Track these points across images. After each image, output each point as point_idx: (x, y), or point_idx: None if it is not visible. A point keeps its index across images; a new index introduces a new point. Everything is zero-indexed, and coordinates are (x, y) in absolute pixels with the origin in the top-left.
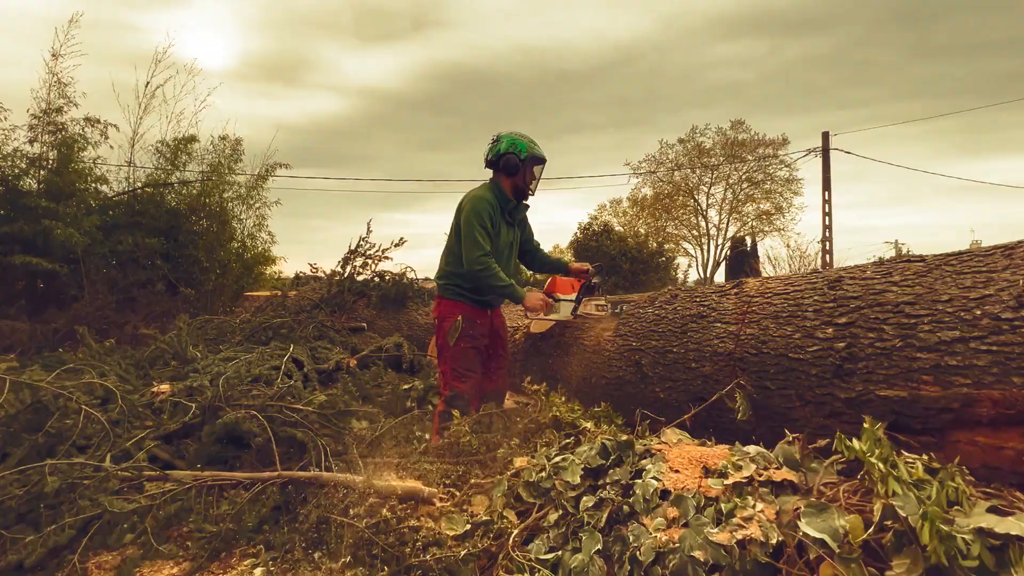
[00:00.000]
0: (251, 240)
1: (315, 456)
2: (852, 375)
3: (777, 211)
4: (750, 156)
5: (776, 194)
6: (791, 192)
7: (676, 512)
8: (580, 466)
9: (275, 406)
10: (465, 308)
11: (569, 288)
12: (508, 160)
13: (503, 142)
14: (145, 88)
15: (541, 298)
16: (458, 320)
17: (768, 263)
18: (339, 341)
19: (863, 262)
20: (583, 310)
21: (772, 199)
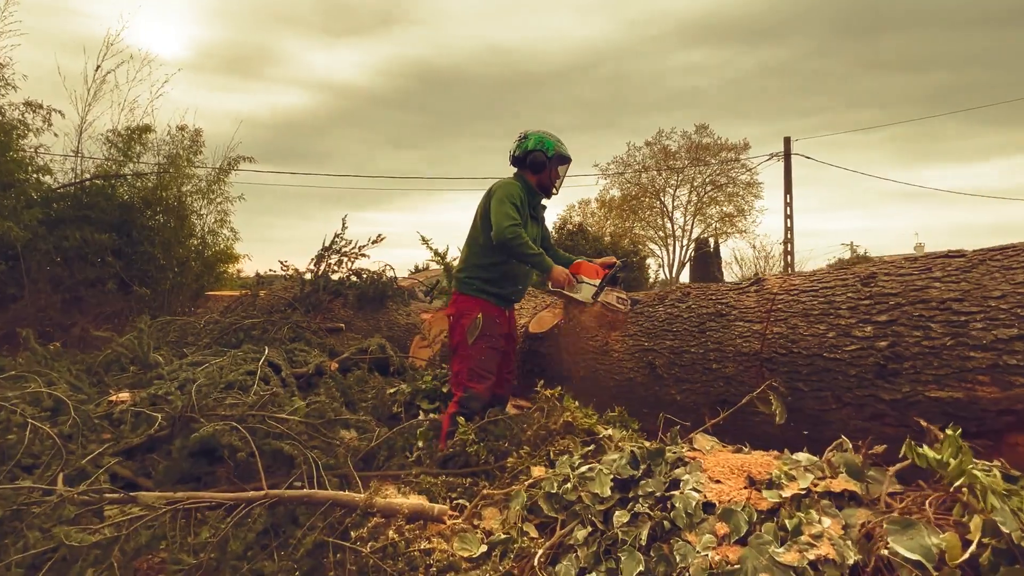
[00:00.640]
0: (212, 237)
1: (306, 471)
2: (898, 375)
3: (739, 213)
4: (713, 160)
5: (738, 197)
6: (752, 195)
7: (726, 528)
8: (609, 476)
9: (257, 416)
10: (485, 305)
11: (594, 273)
12: (535, 157)
13: (531, 139)
14: (95, 72)
15: (567, 274)
16: (478, 318)
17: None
18: (316, 343)
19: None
20: (604, 298)
21: (734, 202)
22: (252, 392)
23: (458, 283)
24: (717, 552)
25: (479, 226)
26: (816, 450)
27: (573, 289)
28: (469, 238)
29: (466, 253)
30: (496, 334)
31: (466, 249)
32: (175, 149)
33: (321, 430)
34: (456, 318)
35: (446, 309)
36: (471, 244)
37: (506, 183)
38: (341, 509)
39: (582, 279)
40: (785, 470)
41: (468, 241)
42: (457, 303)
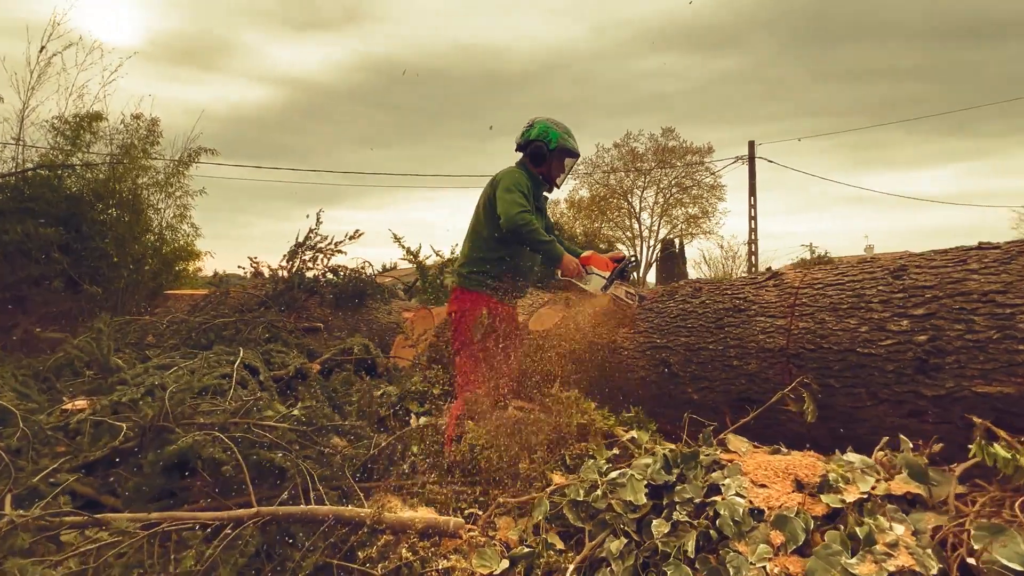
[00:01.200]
0: (171, 232)
1: (300, 484)
2: (940, 370)
3: (704, 215)
4: (679, 162)
5: (703, 199)
6: (716, 198)
7: (781, 536)
8: (643, 482)
9: (241, 423)
10: (490, 301)
11: (604, 265)
12: (536, 148)
13: (535, 128)
14: (39, 55)
15: (577, 263)
16: (484, 314)
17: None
18: (294, 344)
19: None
20: (613, 291)
21: (699, 204)
22: (229, 397)
23: (460, 278)
24: (775, 563)
25: (482, 218)
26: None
27: (583, 279)
28: (471, 231)
29: (468, 247)
30: (502, 331)
31: (468, 242)
32: (129, 139)
33: (313, 438)
34: (459, 315)
35: (448, 306)
36: (474, 237)
37: (511, 171)
38: (344, 526)
39: (592, 270)
40: (840, 472)
41: (470, 234)
42: (459, 299)
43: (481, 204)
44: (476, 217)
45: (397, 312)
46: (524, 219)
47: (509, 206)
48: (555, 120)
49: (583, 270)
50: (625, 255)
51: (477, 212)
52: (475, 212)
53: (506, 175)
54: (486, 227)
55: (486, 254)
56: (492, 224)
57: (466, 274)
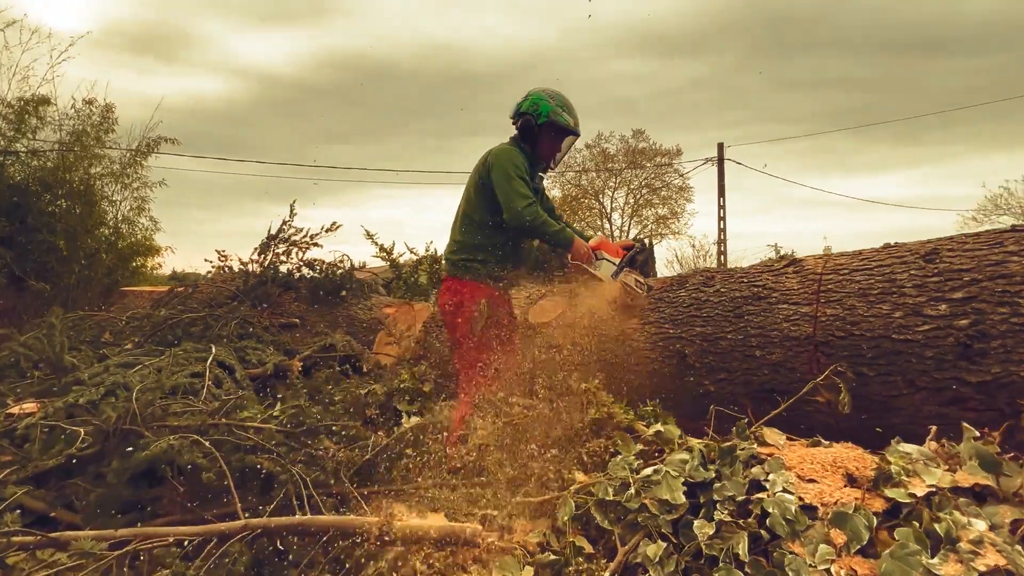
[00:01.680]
0: (128, 226)
1: (294, 492)
2: (984, 355)
3: (673, 216)
4: (648, 164)
5: (672, 200)
6: (684, 199)
7: (842, 535)
8: (680, 480)
9: (221, 425)
10: (487, 290)
11: (614, 252)
12: (524, 122)
13: (528, 99)
14: None
15: (588, 249)
16: (483, 304)
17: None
18: (270, 340)
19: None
20: (623, 278)
21: (668, 205)
22: (203, 397)
23: (452, 266)
24: (840, 565)
25: (475, 201)
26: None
27: (592, 265)
28: (462, 215)
29: (460, 232)
30: (503, 321)
31: (459, 228)
32: (81, 125)
33: (302, 439)
34: (455, 307)
35: (439, 297)
36: (466, 222)
37: (504, 151)
38: (347, 537)
39: (603, 255)
40: (902, 464)
41: (461, 219)
42: (453, 289)
43: (472, 186)
44: (467, 200)
45: (378, 308)
46: (532, 213)
47: (513, 199)
48: (552, 91)
49: (593, 255)
50: (635, 243)
51: (468, 194)
52: (465, 194)
53: (500, 156)
54: (479, 211)
55: (481, 240)
56: (486, 208)
57: (458, 261)
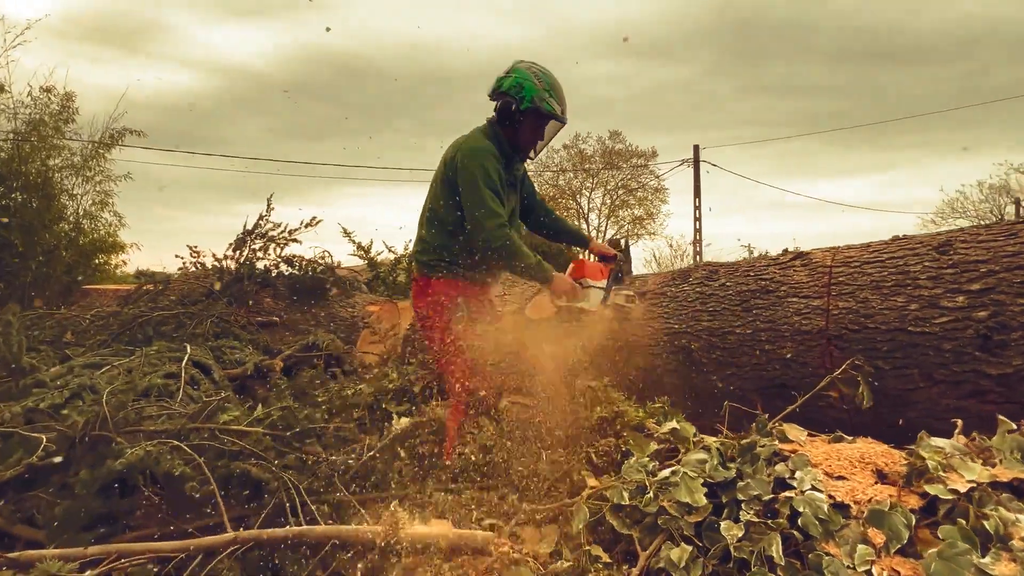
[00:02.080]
0: (90, 222)
1: (287, 500)
2: (1005, 347)
3: (648, 216)
4: (625, 165)
5: (647, 201)
6: (659, 200)
7: (880, 534)
8: (699, 481)
9: (203, 429)
10: (464, 287)
11: (599, 274)
12: (504, 104)
13: (510, 77)
14: None
15: (571, 282)
16: (462, 303)
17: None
18: (248, 339)
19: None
20: (613, 300)
21: (644, 206)
22: (179, 400)
23: (422, 266)
24: (881, 566)
25: (440, 199)
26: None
27: (579, 298)
28: (429, 214)
29: (426, 232)
30: (485, 317)
31: (426, 227)
32: (38, 114)
33: (292, 444)
34: (432, 309)
35: (414, 301)
36: (432, 220)
37: (475, 150)
38: (349, 549)
39: (588, 283)
40: (938, 459)
41: (429, 217)
42: (426, 290)
43: (437, 180)
44: (433, 198)
45: (361, 306)
46: (501, 237)
47: (481, 217)
48: (539, 69)
49: (579, 287)
50: (616, 251)
51: (434, 192)
52: (431, 191)
53: (469, 156)
54: (445, 210)
55: (447, 241)
56: (453, 207)
57: (427, 261)
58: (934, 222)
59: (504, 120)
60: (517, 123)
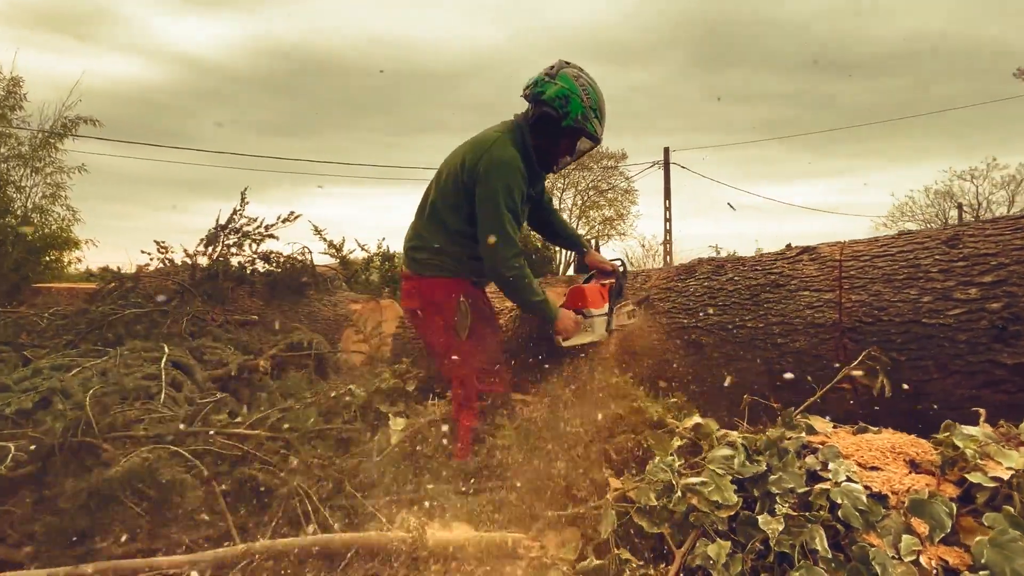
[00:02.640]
0: (40, 216)
1: (299, 508)
2: (1019, 338)
3: (619, 217)
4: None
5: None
6: (629, 201)
7: (924, 525)
8: (728, 479)
9: (198, 434)
10: (465, 285)
11: (600, 299)
12: (544, 116)
13: (554, 86)
14: None
15: (574, 319)
16: (463, 302)
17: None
18: (226, 338)
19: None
20: (617, 323)
21: (615, 207)
22: (160, 403)
23: (416, 263)
24: (928, 555)
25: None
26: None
27: (583, 331)
28: (431, 213)
29: (425, 231)
30: (489, 315)
31: (426, 226)
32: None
33: (295, 446)
34: (431, 309)
35: (405, 301)
36: (436, 222)
37: (503, 163)
38: (372, 558)
39: (589, 312)
40: (974, 448)
41: (431, 214)
42: (421, 289)
43: (450, 183)
44: (441, 194)
45: (344, 304)
46: (515, 268)
47: (497, 243)
48: (586, 81)
49: (582, 320)
50: (615, 266)
51: (444, 190)
52: (440, 187)
53: (496, 169)
54: (454, 214)
55: (448, 245)
56: (465, 217)
57: (423, 259)
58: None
59: (539, 130)
60: (552, 136)
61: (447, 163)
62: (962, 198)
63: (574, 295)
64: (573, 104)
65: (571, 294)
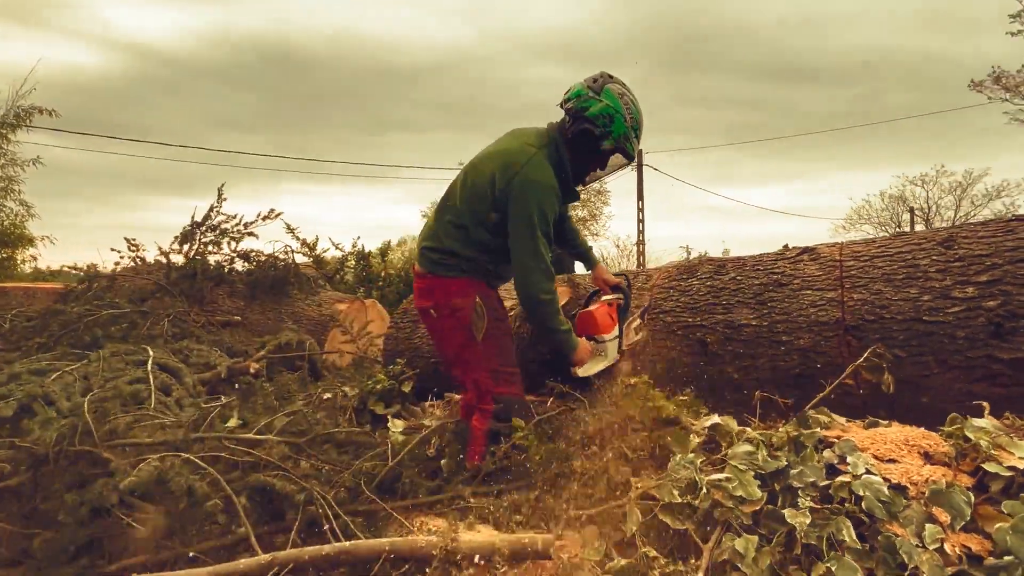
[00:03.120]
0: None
1: (320, 514)
2: (1015, 334)
3: (592, 218)
4: None
5: (590, 203)
6: (602, 202)
7: (945, 514)
8: (751, 474)
9: (209, 439)
10: (481, 286)
11: (610, 323)
12: (585, 134)
13: (598, 104)
14: None
15: (589, 349)
16: (478, 302)
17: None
18: (209, 340)
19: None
20: (627, 343)
21: (588, 207)
22: (151, 407)
23: (434, 264)
24: (952, 543)
25: (478, 211)
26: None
27: (598, 357)
28: (453, 217)
29: (448, 235)
30: (503, 316)
31: (448, 230)
32: None
33: (306, 450)
34: (446, 310)
35: (419, 299)
36: (457, 228)
37: (535, 184)
38: (402, 564)
39: (602, 338)
40: (987, 439)
41: (453, 221)
42: (439, 289)
43: (479, 190)
44: (466, 202)
45: (328, 304)
46: (548, 295)
47: (531, 267)
48: (631, 100)
49: (594, 346)
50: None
51: (470, 200)
52: (465, 191)
53: (531, 187)
54: (476, 227)
55: (470, 253)
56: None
57: (438, 260)
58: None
59: (576, 147)
60: (588, 154)
61: (475, 170)
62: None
63: (584, 322)
64: (617, 124)
65: (580, 321)
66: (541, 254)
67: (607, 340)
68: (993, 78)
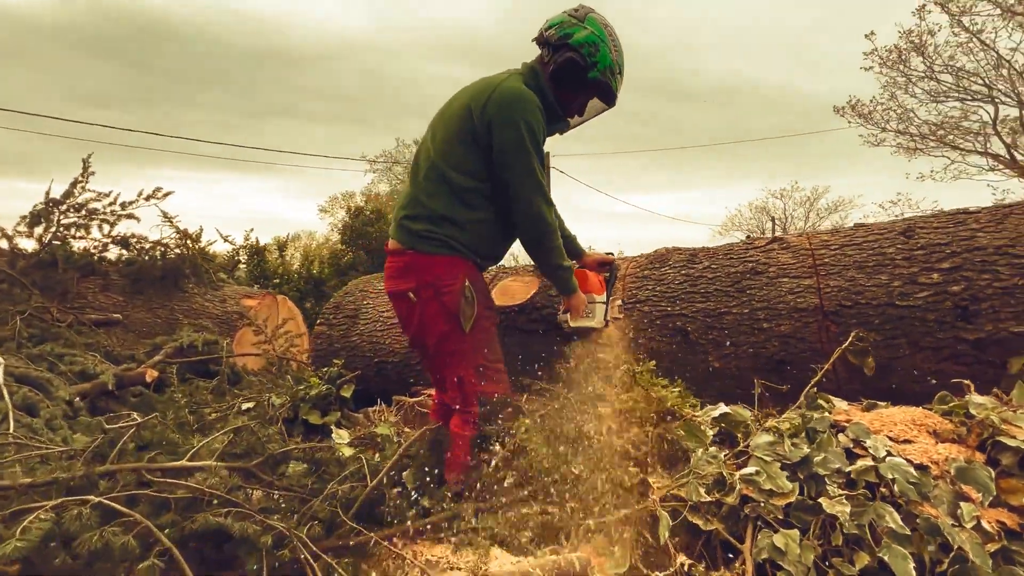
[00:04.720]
0: None
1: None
2: (978, 316)
3: None
4: None
5: None
6: None
7: (976, 492)
8: (777, 465)
9: (123, 472)
10: (469, 268)
11: (600, 288)
12: (569, 64)
13: (581, 32)
14: None
15: (584, 300)
16: (467, 287)
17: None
18: (82, 343)
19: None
20: (612, 314)
21: None
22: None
23: (415, 237)
24: (988, 519)
25: (456, 155)
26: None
27: (588, 315)
28: (431, 170)
29: (425, 195)
30: (491, 303)
31: (425, 187)
32: None
33: (258, 475)
34: (428, 293)
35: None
36: (437, 183)
37: (515, 98)
38: None
39: (593, 297)
40: (996, 415)
41: (429, 176)
42: (421, 268)
43: (453, 132)
44: (442, 152)
45: (235, 299)
46: (550, 223)
47: (530, 187)
48: (613, 31)
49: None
50: (612, 258)
51: (446, 143)
52: (437, 143)
53: (514, 106)
54: (460, 171)
55: (459, 213)
56: (473, 170)
57: (421, 232)
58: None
59: (560, 79)
60: (572, 88)
61: (441, 118)
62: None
63: (579, 277)
64: (602, 54)
65: (577, 275)
66: (537, 175)
67: (597, 301)
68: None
